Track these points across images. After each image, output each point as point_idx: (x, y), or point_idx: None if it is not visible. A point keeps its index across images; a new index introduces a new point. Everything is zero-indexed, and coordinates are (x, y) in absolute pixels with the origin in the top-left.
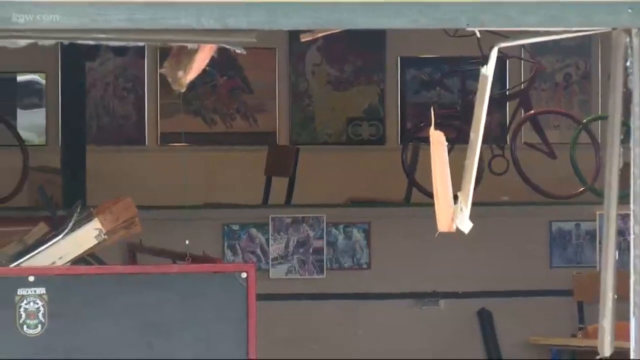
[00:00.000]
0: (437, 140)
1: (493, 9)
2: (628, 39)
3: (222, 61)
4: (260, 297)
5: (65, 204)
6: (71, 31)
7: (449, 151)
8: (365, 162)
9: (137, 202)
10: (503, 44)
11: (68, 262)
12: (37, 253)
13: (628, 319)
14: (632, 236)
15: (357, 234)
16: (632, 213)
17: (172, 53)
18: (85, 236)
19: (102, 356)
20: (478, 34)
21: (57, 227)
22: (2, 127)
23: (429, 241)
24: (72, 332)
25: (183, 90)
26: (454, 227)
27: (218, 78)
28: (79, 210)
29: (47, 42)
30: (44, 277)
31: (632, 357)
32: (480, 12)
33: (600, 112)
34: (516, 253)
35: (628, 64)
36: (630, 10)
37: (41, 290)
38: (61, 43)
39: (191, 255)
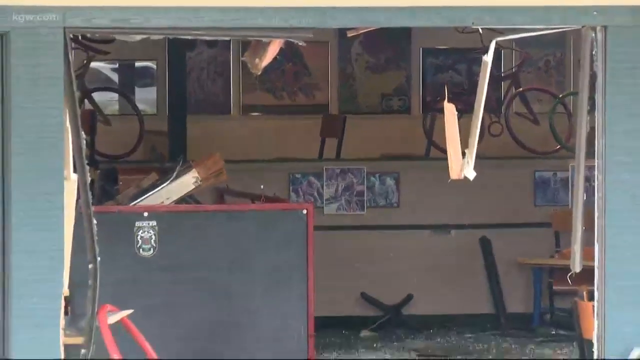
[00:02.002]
0: (450, 110)
1: (492, 12)
2: (594, 34)
3: (288, 51)
4: (317, 228)
5: (170, 158)
6: (175, 29)
7: (458, 118)
8: (395, 127)
9: (225, 157)
10: (499, 38)
11: (173, 201)
12: (150, 195)
13: (593, 244)
14: (596, 182)
15: (389, 181)
16: (596, 165)
17: (251, 45)
18: (186, 182)
19: (197, 271)
20: (480, 31)
21: (164, 175)
22: (124, 101)
23: (443, 186)
24: (175, 253)
25: (259, 73)
26: (462, 175)
27: (285, 64)
28: (181, 163)
29: (157, 37)
30: (155, 213)
31: (595, 272)
32: (482, 14)
33: (572, 89)
34: (509, 195)
35: (594, 53)
36: (595, 13)
37: (153, 223)
38: (168, 38)
39: (265, 197)
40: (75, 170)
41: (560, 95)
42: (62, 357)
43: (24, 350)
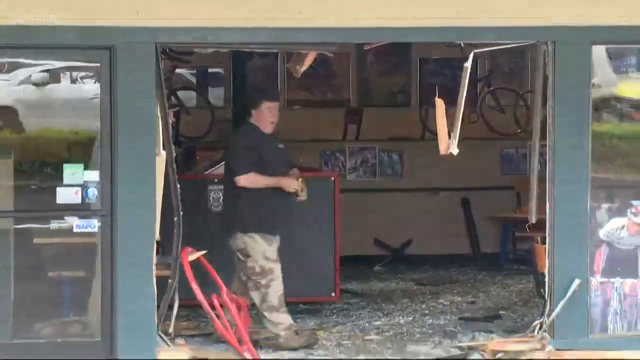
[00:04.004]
0: (439, 104)
1: (471, 31)
2: (546, 47)
3: (320, 60)
4: (342, 190)
5: None
6: (238, 44)
7: (446, 110)
8: (399, 116)
9: None
10: (476, 50)
11: None
12: (219, 166)
13: (545, 202)
14: (547, 156)
15: (395, 156)
16: (547, 144)
17: (293, 56)
18: None
19: None
20: (462, 45)
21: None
22: (200, 97)
23: (435, 160)
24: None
25: (299, 76)
26: (449, 152)
27: (318, 69)
28: None
29: (224, 50)
30: (222, 179)
31: (547, 223)
32: (464, 33)
33: (530, 87)
34: (483, 166)
35: (546, 61)
36: (546, 31)
37: (221, 186)
38: (233, 50)
39: (303, 167)
40: (164, 148)
41: (521, 92)
42: (154, 285)
43: (127, 279)
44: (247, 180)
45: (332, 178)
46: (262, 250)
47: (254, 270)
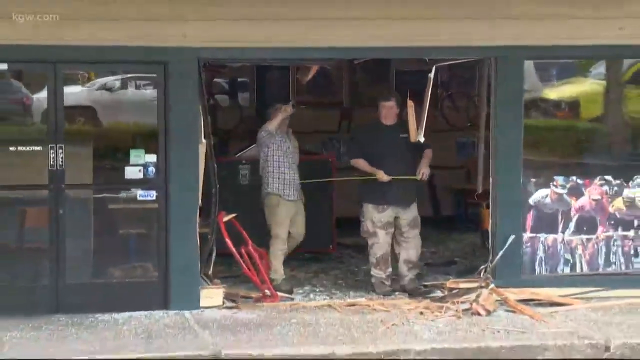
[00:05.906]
0: (410, 105)
1: (435, 50)
2: (490, 62)
3: (321, 71)
4: (337, 168)
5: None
6: (258, 59)
7: (415, 109)
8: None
9: None
10: (439, 64)
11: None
12: (246, 151)
13: (489, 177)
14: (490, 143)
15: None
16: (491, 134)
17: (301, 68)
18: None
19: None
20: (427, 60)
21: (253, 140)
22: (232, 100)
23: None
24: (259, 182)
25: (305, 83)
26: (417, 139)
27: (319, 78)
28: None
29: (248, 64)
30: (249, 161)
31: (490, 192)
32: (429, 51)
33: (477, 91)
34: (443, 151)
35: (489, 72)
36: (490, 50)
37: (248, 166)
38: (255, 64)
39: (309, 151)
40: (205, 137)
41: (471, 96)
42: (197, 239)
43: (177, 234)
44: (353, 163)
45: (330, 159)
46: (370, 216)
47: (363, 229)
